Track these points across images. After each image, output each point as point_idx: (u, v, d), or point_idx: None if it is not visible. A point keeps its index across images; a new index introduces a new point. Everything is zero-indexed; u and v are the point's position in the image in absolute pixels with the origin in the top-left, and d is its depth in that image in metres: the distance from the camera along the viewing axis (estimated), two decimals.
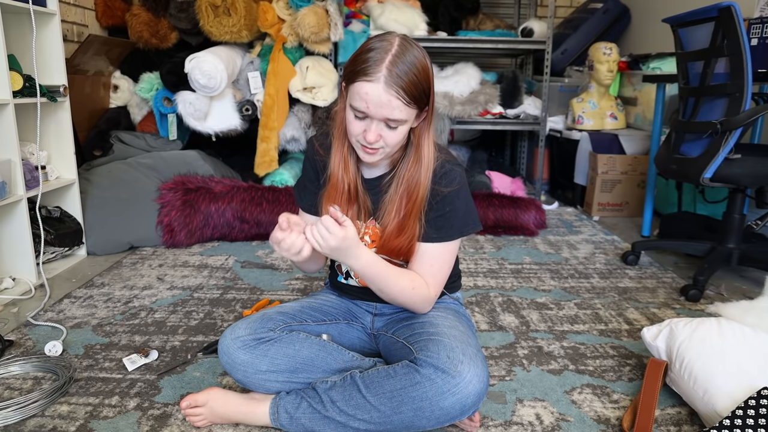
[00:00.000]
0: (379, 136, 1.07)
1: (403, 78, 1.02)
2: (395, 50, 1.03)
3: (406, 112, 1.05)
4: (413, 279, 1.17)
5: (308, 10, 2.71)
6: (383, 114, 1.04)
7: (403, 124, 1.08)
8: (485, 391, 1.06)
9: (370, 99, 1.03)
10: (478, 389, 1.04)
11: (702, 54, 1.85)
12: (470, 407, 1.04)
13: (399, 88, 1.02)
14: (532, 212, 2.66)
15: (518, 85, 3.17)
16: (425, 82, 1.06)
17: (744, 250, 2.01)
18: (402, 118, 1.05)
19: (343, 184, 1.19)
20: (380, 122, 1.06)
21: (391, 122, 1.06)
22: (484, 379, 1.06)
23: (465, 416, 1.06)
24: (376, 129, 1.07)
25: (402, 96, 1.03)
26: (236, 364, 1.16)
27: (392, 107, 1.03)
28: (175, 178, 2.47)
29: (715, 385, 1.14)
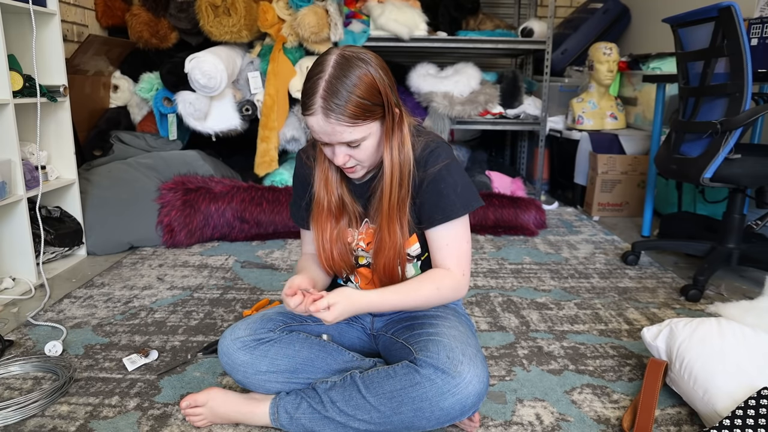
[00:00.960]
0: (348, 157, 1.08)
1: (339, 104, 1.00)
2: (328, 75, 1.01)
3: (357, 132, 1.03)
4: (433, 279, 1.15)
5: (308, 10, 2.71)
6: (336, 140, 1.04)
7: (366, 139, 1.06)
8: (485, 391, 1.06)
9: (317, 131, 1.04)
10: (478, 389, 1.04)
11: (702, 54, 1.85)
12: (470, 407, 1.04)
13: (338, 115, 1.00)
14: (532, 212, 2.66)
15: (518, 85, 3.17)
16: (371, 97, 1.03)
17: (744, 250, 2.01)
18: (355, 138, 1.04)
19: (325, 203, 1.19)
20: (340, 146, 1.06)
21: (350, 143, 1.05)
22: (484, 380, 1.06)
23: (465, 416, 1.06)
24: (340, 152, 1.07)
25: (344, 120, 1.01)
26: (236, 365, 1.16)
27: (338, 133, 1.03)
28: (175, 178, 2.47)
29: (715, 385, 1.14)
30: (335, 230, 1.20)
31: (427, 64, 3.20)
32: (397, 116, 1.10)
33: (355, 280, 1.28)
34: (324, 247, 1.21)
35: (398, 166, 1.12)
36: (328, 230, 1.20)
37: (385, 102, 1.06)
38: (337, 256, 1.21)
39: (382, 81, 1.05)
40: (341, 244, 1.21)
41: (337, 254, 1.21)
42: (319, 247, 1.21)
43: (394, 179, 1.12)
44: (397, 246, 1.16)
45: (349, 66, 1.02)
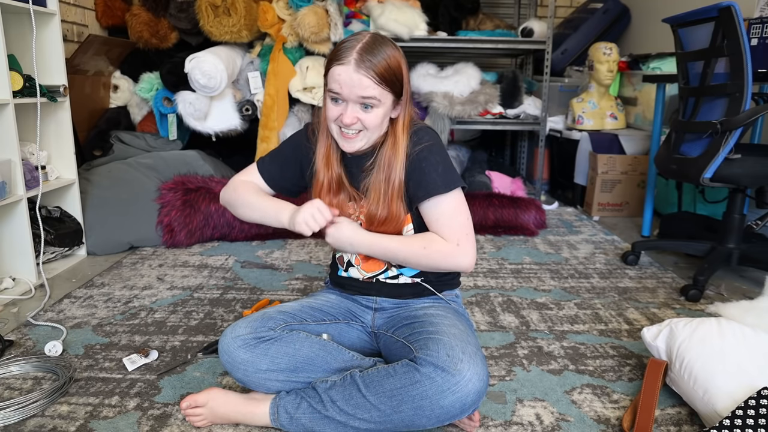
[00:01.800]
0: (356, 119, 1.14)
1: (373, 61, 1.10)
2: (366, 40, 1.13)
3: (377, 91, 1.11)
4: (423, 239, 1.20)
5: (308, 10, 2.71)
6: (356, 93, 1.11)
7: (378, 105, 1.13)
8: (485, 389, 1.06)
9: (343, 80, 1.11)
10: (478, 388, 1.04)
11: (702, 54, 1.85)
12: (470, 406, 1.05)
13: (368, 68, 1.10)
14: (532, 212, 2.66)
15: (518, 85, 3.17)
16: (397, 70, 1.14)
17: (744, 250, 2.01)
18: (374, 95, 1.11)
19: (325, 179, 1.24)
20: (355, 104, 1.13)
21: (366, 101, 1.12)
22: (484, 378, 1.06)
23: (465, 415, 1.06)
24: (352, 111, 1.13)
25: (372, 75, 1.10)
26: (236, 363, 1.16)
27: (363, 86, 1.10)
28: (175, 178, 2.47)
29: (715, 385, 1.14)
30: (335, 202, 1.25)
31: (427, 64, 3.20)
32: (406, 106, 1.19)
33: (356, 262, 1.31)
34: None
35: (402, 148, 1.19)
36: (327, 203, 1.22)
37: (405, 84, 1.16)
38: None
39: (406, 68, 1.17)
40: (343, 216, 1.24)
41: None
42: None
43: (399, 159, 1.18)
44: (398, 222, 1.22)
45: (384, 42, 1.14)
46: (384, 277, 1.30)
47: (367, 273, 1.30)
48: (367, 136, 1.17)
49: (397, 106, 1.18)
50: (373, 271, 1.30)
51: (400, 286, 1.30)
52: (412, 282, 1.29)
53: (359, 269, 1.30)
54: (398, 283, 1.30)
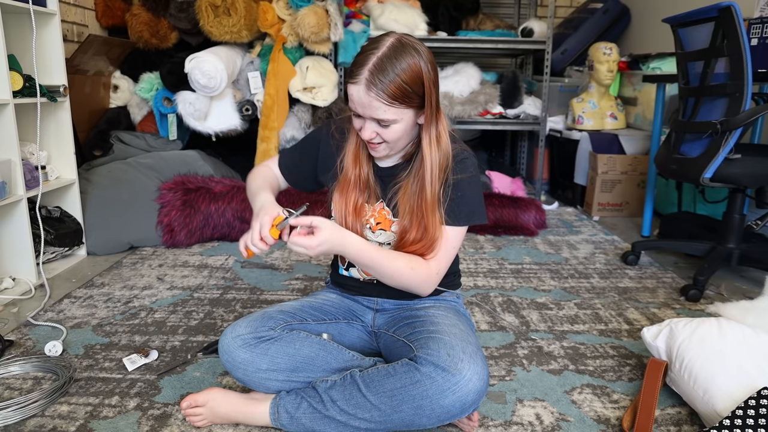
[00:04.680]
0: (375, 134, 1.12)
1: (384, 81, 1.05)
2: (382, 52, 1.06)
3: (391, 112, 1.08)
4: (411, 260, 1.18)
5: (308, 10, 2.71)
6: (369, 114, 1.09)
7: (395, 123, 1.10)
8: (485, 389, 1.06)
9: (355, 100, 1.09)
10: (478, 387, 1.04)
11: (702, 54, 1.85)
12: (470, 405, 1.05)
13: (379, 91, 1.05)
14: (532, 212, 2.66)
15: (518, 85, 3.17)
16: (413, 83, 1.08)
17: (744, 250, 2.01)
18: (387, 118, 1.09)
19: (353, 176, 1.23)
20: (371, 121, 1.11)
21: (380, 121, 1.10)
22: (484, 377, 1.06)
23: (465, 414, 1.06)
24: (369, 127, 1.12)
25: (382, 98, 1.06)
26: (236, 363, 1.16)
27: (374, 108, 1.08)
28: (175, 178, 2.47)
29: (715, 385, 1.14)
30: (359, 201, 1.23)
31: None
32: (435, 111, 1.14)
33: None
34: (345, 219, 1.23)
35: (437, 158, 1.16)
36: (352, 202, 1.23)
37: (426, 93, 1.11)
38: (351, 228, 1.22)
39: (429, 75, 1.10)
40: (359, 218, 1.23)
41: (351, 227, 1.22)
42: (340, 217, 1.24)
43: (434, 170, 1.16)
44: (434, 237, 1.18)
45: (403, 51, 1.07)
46: None
47: (368, 275, 1.30)
48: (389, 147, 1.16)
49: (420, 113, 1.14)
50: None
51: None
52: None
53: (360, 270, 1.30)
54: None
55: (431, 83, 1.11)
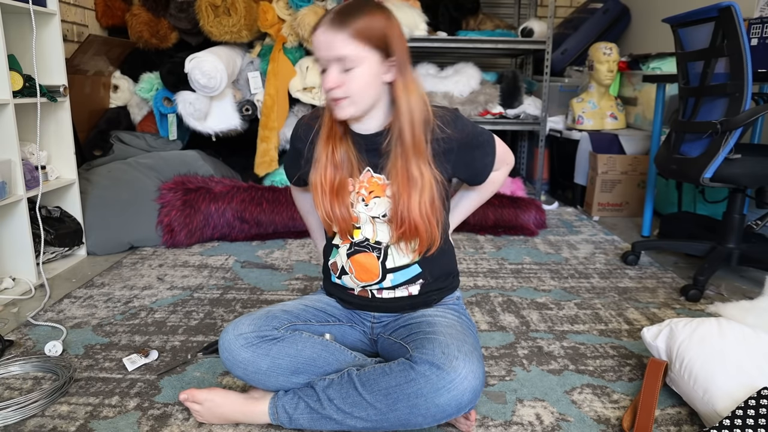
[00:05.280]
0: (337, 83, 1.08)
1: (347, 17, 1.06)
2: (345, 2, 1.12)
3: (352, 48, 1.06)
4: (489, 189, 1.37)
5: (308, 10, 2.71)
6: (332, 54, 1.06)
7: (358, 65, 1.07)
8: (481, 387, 1.06)
9: (319, 43, 1.08)
10: (474, 385, 1.04)
11: (702, 54, 1.85)
12: (466, 404, 1.04)
13: (341, 25, 1.05)
14: (532, 212, 2.65)
15: (518, 85, 3.17)
16: (378, 25, 1.07)
17: (744, 250, 2.01)
18: (349, 53, 1.06)
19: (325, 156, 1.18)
20: (335, 66, 1.08)
21: (343, 62, 1.06)
22: (480, 376, 1.05)
23: (461, 413, 1.06)
24: (332, 72, 1.08)
25: (343, 30, 1.05)
26: (237, 362, 1.15)
27: (336, 44, 1.05)
28: (175, 178, 2.47)
29: (715, 385, 1.14)
30: (337, 179, 1.18)
31: (427, 64, 3.20)
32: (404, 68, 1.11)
33: (349, 270, 1.25)
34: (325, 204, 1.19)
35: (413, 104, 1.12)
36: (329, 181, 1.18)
37: (390, 40, 1.09)
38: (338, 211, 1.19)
39: (394, 23, 1.11)
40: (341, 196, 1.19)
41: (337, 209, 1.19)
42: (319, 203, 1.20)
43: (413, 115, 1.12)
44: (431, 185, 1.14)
45: (366, 2, 1.10)
46: (378, 287, 1.24)
47: (361, 282, 1.24)
48: (353, 102, 1.10)
49: (391, 68, 1.10)
50: (366, 281, 1.24)
51: (398, 300, 1.26)
52: (408, 295, 1.25)
53: (353, 277, 1.25)
54: (395, 297, 1.25)
55: (397, 34, 1.10)
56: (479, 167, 1.26)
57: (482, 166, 1.26)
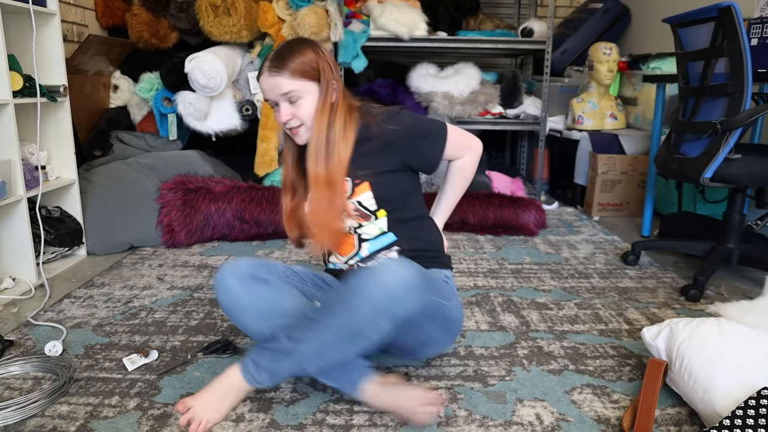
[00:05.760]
0: (291, 115, 1.26)
1: (281, 62, 1.24)
2: (276, 48, 1.27)
3: (294, 84, 1.24)
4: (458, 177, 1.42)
5: (308, 10, 2.71)
6: (278, 92, 1.25)
7: (302, 96, 1.25)
8: (413, 282, 1.09)
9: (265, 89, 1.27)
10: (404, 277, 1.08)
11: (702, 54, 1.85)
12: (401, 295, 1.07)
13: (280, 70, 1.23)
14: (532, 212, 2.65)
15: (518, 85, 3.17)
16: (308, 60, 1.25)
17: (744, 250, 2.01)
18: (293, 89, 1.24)
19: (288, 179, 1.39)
20: (284, 102, 1.26)
21: (289, 97, 1.25)
22: (410, 272, 1.09)
23: (397, 306, 1.08)
24: (284, 109, 1.27)
25: (283, 74, 1.23)
26: (223, 287, 1.22)
27: (278, 85, 1.24)
28: (175, 178, 2.47)
29: (715, 385, 1.14)
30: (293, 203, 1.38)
31: (427, 64, 3.20)
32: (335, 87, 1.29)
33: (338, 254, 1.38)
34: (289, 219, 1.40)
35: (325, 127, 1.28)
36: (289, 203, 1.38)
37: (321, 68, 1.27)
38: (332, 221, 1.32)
39: (322, 54, 1.28)
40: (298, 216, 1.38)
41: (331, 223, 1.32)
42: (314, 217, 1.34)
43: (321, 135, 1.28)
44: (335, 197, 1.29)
45: (293, 42, 1.28)
46: (358, 258, 1.35)
47: (344, 257, 1.37)
48: (307, 128, 1.28)
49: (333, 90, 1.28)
50: (347, 254, 1.36)
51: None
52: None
53: (336, 255, 1.38)
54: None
55: (325, 61, 1.28)
56: (429, 155, 1.34)
57: (432, 154, 1.34)
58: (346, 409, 1.24)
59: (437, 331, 1.29)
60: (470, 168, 1.43)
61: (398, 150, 1.31)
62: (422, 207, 1.42)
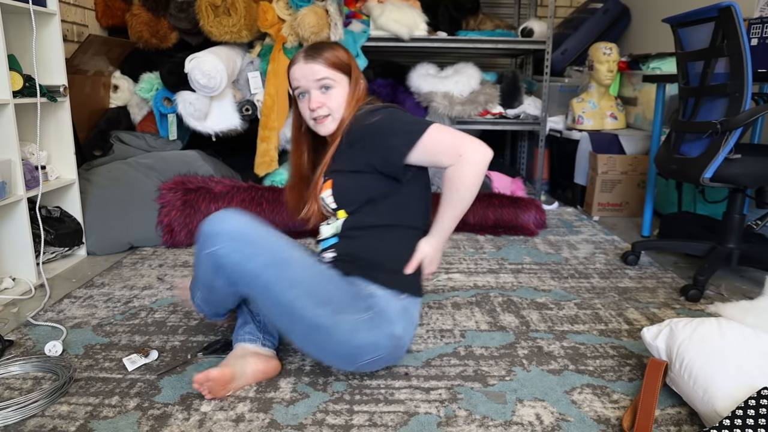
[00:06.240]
0: (320, 103, 1.31)
1: (318, 52, 1.32)
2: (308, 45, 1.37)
3: (330, 72, 1.31)
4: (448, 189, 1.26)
5: (308, 10, 2.71)
6: (312, 78, 1.30)
7: (335, 85, 1.31)
8: (225, 229, 1.20)
9: (297, 77, 1.32)
10: (220, 218, 1.21)
11: (702, 54, 1.85)
12: (207, 235, 1.21)
13: (316, 59, 1.31)
14: (532, 212, 2.65)
15: (518, 85, 3.17)
16: (341, 55, 1.34)
17: (744, 250, 2.01)
18: (328, 76, 1.31)
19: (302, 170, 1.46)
20: (316, 90, 1.31)
21: (323, 83, 1.31)
22: (231, 221, 1.21)
23: (206, 245, 1.21)
24: (315, 96, 1.32)
25: (320, 62, 1.30)
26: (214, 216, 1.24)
27: (315, 71, 1.30)
28: (175, 178, 2.47)
29: (715, 385, 1.14)
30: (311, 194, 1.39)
31: (427, 64, 3.20)
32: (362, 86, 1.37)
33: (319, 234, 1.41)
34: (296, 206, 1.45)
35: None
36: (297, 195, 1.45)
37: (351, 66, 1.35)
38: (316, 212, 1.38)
39: (351, 56, 1.37)
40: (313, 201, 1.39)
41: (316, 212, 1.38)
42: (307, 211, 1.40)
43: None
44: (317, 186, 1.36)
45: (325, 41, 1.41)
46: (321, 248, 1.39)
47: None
48: (334, 117, 1.33)
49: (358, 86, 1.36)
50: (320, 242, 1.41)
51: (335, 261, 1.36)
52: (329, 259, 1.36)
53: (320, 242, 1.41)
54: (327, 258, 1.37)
55: (355, 62, 1.37)
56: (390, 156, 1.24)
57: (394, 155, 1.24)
58: (346, 409, 1.24)
59: (314, 338, 1.22)
60: (461, 180, 1.23)
61: (363, 149, 1.27)
62: (398, 217, 1.31)
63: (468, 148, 1.21)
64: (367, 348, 1.22)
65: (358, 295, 1.25)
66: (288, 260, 1.21)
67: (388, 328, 1.24)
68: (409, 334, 1.32)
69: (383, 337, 1.23)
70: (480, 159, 1.22)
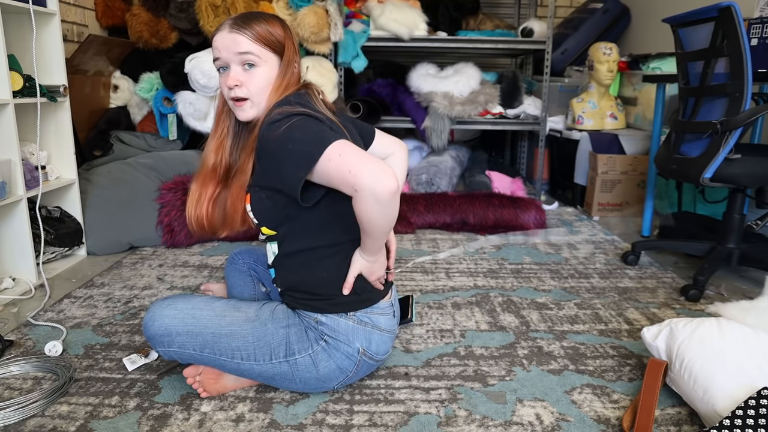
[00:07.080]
0: (239, 81, 1.14)
1: (246, 22, 1.13)
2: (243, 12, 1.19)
3: (255, 47, 1.13)
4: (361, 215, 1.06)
5: (308, 10, 2.71)
6: (234, 50, 1.13)
7: (260, 64, 1.14)
8: (161, 328, 1.23)
9: (219, 45, 1.14)
10: (153, 318, 1.24)
11: (702, 54, 1.85)
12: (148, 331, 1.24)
13: (242, 29, 1.13)
14: (532, 212, 2.66)
15: (518, 85, 3.17)
16: (274, 29, 1.16)
17: (744, 250, 2.01)
18: (252, 51, 1.13)
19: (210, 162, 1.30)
20: (237, 65, 1.14)
21: (245, 59, 1.13)
22: (160, 321, 1.23)
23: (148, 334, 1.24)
24: (234, 73, 1.14)
25: (245, 33, 1.13)
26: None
27: (238, 41, 1.12)
28: (175, 178, 2.47)
29: (715, 385, 1.14)
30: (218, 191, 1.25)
31: (427, 64, 3.20)
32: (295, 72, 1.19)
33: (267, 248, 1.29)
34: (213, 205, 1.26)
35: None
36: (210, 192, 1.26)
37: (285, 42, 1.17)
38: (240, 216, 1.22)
39: (289, 35, 1.19)
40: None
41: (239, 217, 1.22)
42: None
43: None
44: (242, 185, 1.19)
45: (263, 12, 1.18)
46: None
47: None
48: (254, 102, 1.16)
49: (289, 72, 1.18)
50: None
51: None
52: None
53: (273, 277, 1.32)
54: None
55: (292, 42, 1.18)
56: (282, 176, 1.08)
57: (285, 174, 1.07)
58: (346, 409, 1.24)
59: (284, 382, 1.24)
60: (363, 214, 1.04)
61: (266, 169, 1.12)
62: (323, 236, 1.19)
63: (365, 182, 0.99)
64: (333, 374, 1.23)
65: (309, 326, 1.22)
66: (231, 332, 1.20)
67: (346, 348, 1.22)
68: (378, 341, 1.25)
69: (344, 358, 1.22)
70: (380, 193, 0.99)
